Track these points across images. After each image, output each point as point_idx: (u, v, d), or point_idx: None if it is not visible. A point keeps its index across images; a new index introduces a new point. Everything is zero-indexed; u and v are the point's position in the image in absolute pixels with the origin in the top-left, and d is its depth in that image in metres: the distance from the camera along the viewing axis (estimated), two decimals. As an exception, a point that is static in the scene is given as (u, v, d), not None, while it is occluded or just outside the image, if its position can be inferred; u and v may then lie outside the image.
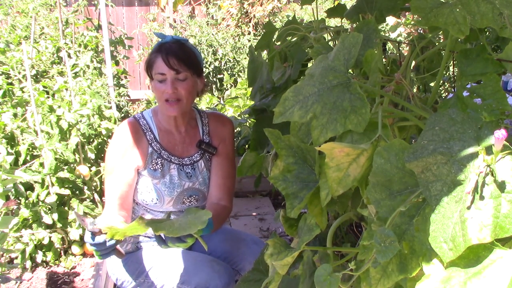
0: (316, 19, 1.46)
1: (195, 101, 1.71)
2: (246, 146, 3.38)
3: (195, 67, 1.58)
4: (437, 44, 1.27)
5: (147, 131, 1.64)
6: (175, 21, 5.65)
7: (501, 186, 0.60)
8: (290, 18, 1.58)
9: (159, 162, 1.63)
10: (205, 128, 1.74)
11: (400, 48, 1.54)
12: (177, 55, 1.53)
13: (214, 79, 5.13)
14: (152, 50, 1.59)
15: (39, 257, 2.43)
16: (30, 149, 2.42)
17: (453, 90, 1.50)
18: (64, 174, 2.39)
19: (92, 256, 2.58)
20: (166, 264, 1.66)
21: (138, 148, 1.61)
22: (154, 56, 1.56)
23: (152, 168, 1.62)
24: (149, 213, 1.71)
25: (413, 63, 1.13)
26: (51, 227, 2.43)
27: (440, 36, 1.50)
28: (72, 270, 2.49)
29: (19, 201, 2.33)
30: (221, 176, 1.71)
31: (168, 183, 1.63)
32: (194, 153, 1.70)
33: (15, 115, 2.44)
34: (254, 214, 3.17)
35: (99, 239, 1.31)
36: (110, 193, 1.59)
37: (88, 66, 3.10)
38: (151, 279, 1.65)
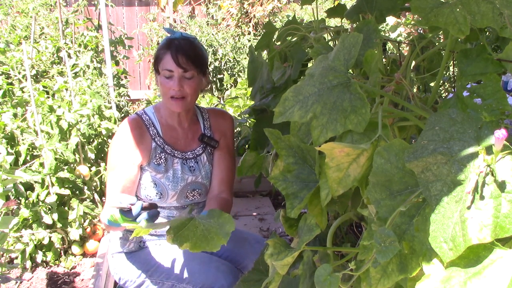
0: (316, 19, 1.45)
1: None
2: (246, 146, 3.37)
3: (202, 66, 1.61)
4: (437, 44, 1.27)
5: (150, 126, 1.66)
6: (175, 21, 5.64)
7: (501, 186, 0.60)
8: (290, 18, 1.58)
9: (162, 157, 1.65)
10: (206, 123, 1.78)
11: (400, 48, 1.53)
12: (186, 53, 1.55)
13: (214, 79, 5.13)
14: (161, 45, 1.60)
15: (39, 257, 2.43)
16: (30, 149, 2.42)
17: (453, 90, 1.50)
18: (64, 174, 2.39)
19: (92, 256, 2.58)
20: (170, 263, 1.65)
21: (141, 144, 1.62)
22: (163, 52, 1.57)
23: (156, 163, 1.64)
24: None
25: (413, 63, 1.12)
26: (51, 227, 2.43)
27: (440, 36, 1.49)
28: (72, 270, 2.49)
29: (19, 201, 2.33)
30: (223, 169, 1.74)
31: (171, 178, 1.64)
32: (197, 147, 1.73)
33: (15, 115, 2.44)
34: (254, 214, 3.17)
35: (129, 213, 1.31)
36: (112, 189, 1.59)
37: (88, 66, 3.10)
38: (155, 279, 1.65)
